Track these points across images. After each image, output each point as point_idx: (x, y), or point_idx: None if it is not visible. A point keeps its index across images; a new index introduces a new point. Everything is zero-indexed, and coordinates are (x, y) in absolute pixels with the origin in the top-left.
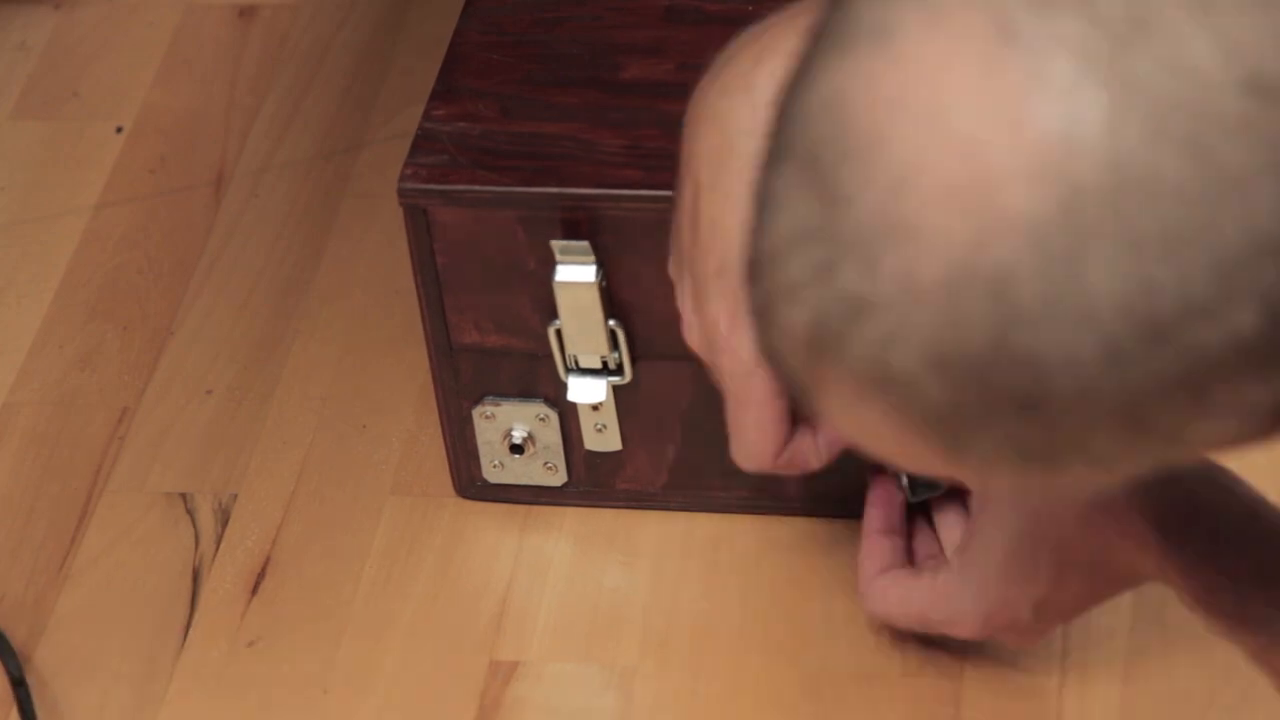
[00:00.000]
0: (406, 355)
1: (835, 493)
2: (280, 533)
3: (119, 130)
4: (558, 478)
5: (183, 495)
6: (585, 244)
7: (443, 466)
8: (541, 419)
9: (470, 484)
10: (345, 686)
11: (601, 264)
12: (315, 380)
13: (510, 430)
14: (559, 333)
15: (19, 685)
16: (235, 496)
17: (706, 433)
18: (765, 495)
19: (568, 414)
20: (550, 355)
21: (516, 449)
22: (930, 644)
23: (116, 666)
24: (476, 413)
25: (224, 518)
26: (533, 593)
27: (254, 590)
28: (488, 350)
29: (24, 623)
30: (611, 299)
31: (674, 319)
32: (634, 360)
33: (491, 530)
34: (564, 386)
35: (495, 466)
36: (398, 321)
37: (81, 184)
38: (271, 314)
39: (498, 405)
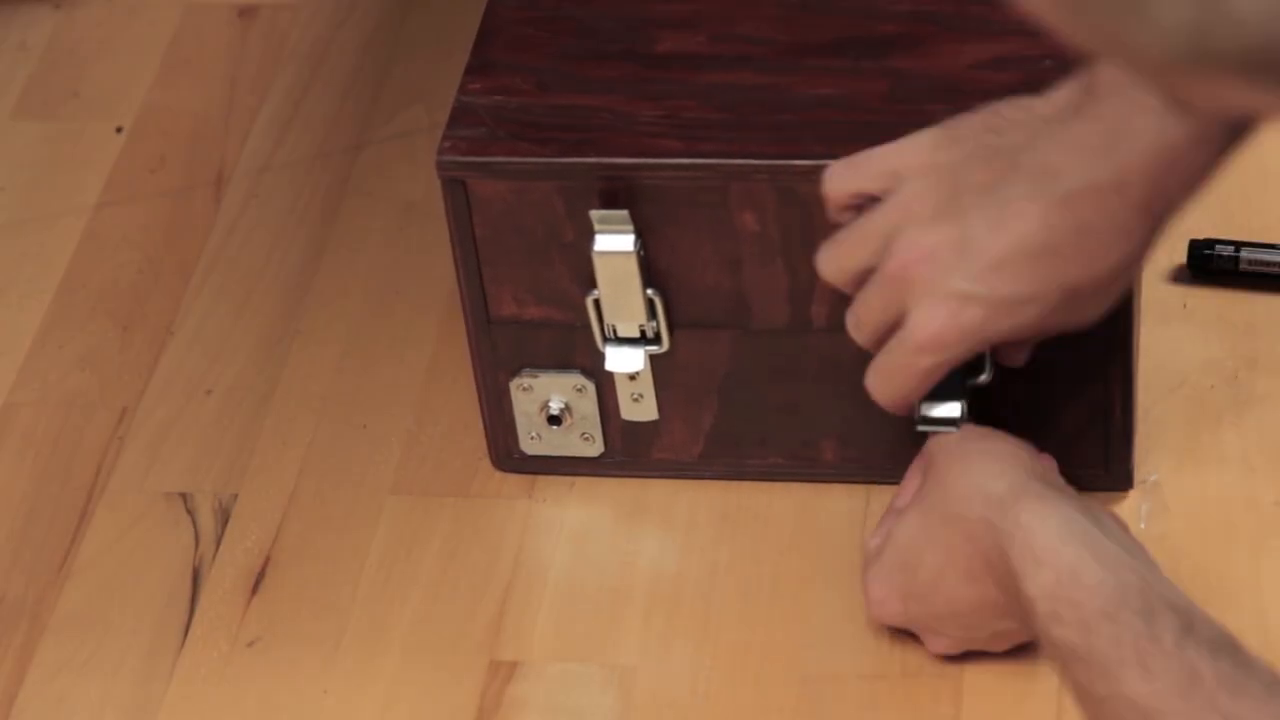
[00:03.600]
0: (406, 355)
1: (870, 459)
2: (280, 533)
3: (119, 130)
4: (594, 448)
5: (183, 495)
6: (624, 213)
7: (443, 465)
8: (578, 389)
9: (507, 457)
10: (345, 686)
11: (639, 233)
12: (315, 380)
13: (547, 401)
14: (597, 303)
15: None
16: (235, 496)
17: (742, 401)
18: (800, 462)
19: (604, 384)
20: (588, 326)
21: (554, 420)
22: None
23: (116, 666)
24: (514, 385)
25: (224, 518)
26: (533, 593)
27: (254, 590)
28: (525, 322)
29: (24, 623)
30: (649, 268)
31: (711, 288)
32: (671, 329)
33: (493, 529)
34: (601, 357)
35: (533, 438)
36: (398, 321)
37: (81, 184)
38: (271, 314)
39: (535, 377)
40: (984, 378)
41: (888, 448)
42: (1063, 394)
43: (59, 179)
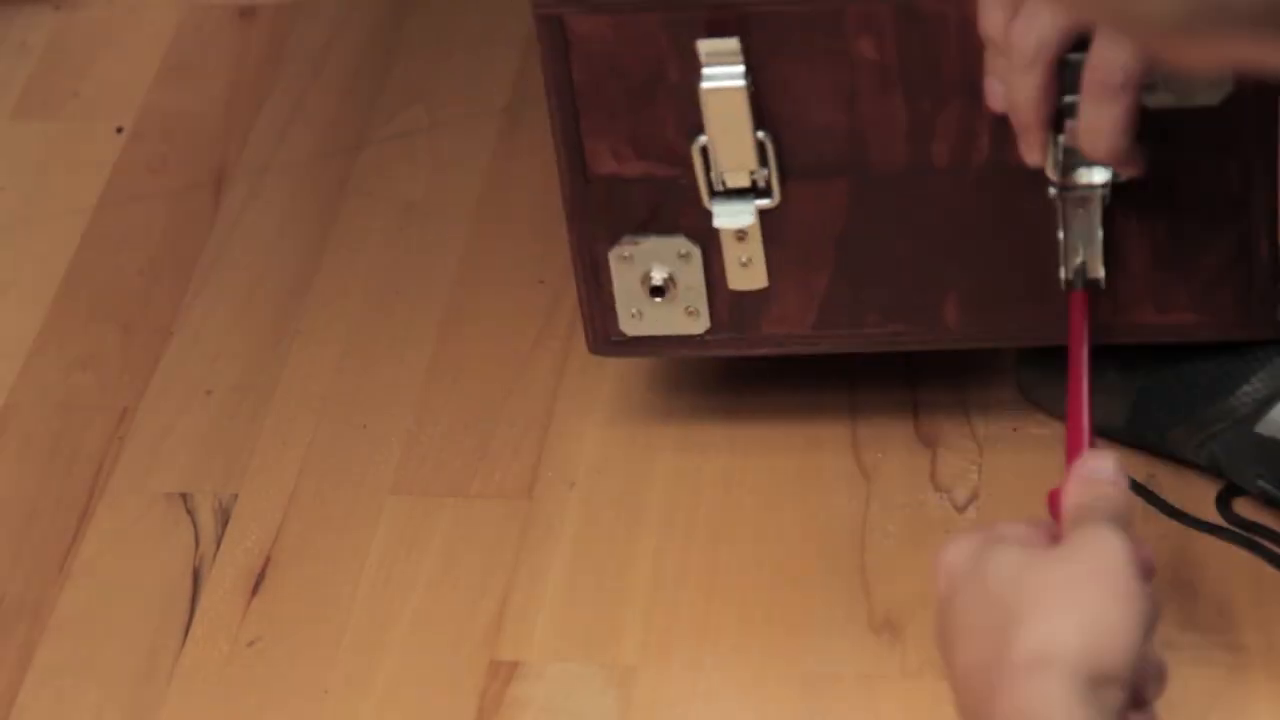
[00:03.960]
0: (406, 355)
1: (997, 321)
2: (280, 533)
3: (119, 130)
4: (699, 324)
5: (183, 495)
6: (734, 42)
7: (443, 465)
8: (683, 255)
9: (605, 340)
10: (345, 686)
11: (750, 72)
12: (315, 380)
13: (649, 271)
14: (704, 150)
15: None
16: (235, 496)
17: (859, 259)
18: (922, 329)
19: (711, 250)
20: (693, 183)
21: (657, 291)
22: (930, 644)
23: (116, 666)
24: (613, 255)
25: (224, 518)
26: (533, 593)
27: (254, 590)
28: (626, 180)
29: (24, 623)
30: (760, 109)
31: (825, 128)
32: (782, 180)
33: (493, 529)
34: (707, 217)
35: (633, 316)
36: (398, 321)
37: (81, 184)
38: (271, 314)
39: (636, 244)
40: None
41: (1015, 308)
42: (1201, 231)
43: (59, 179)
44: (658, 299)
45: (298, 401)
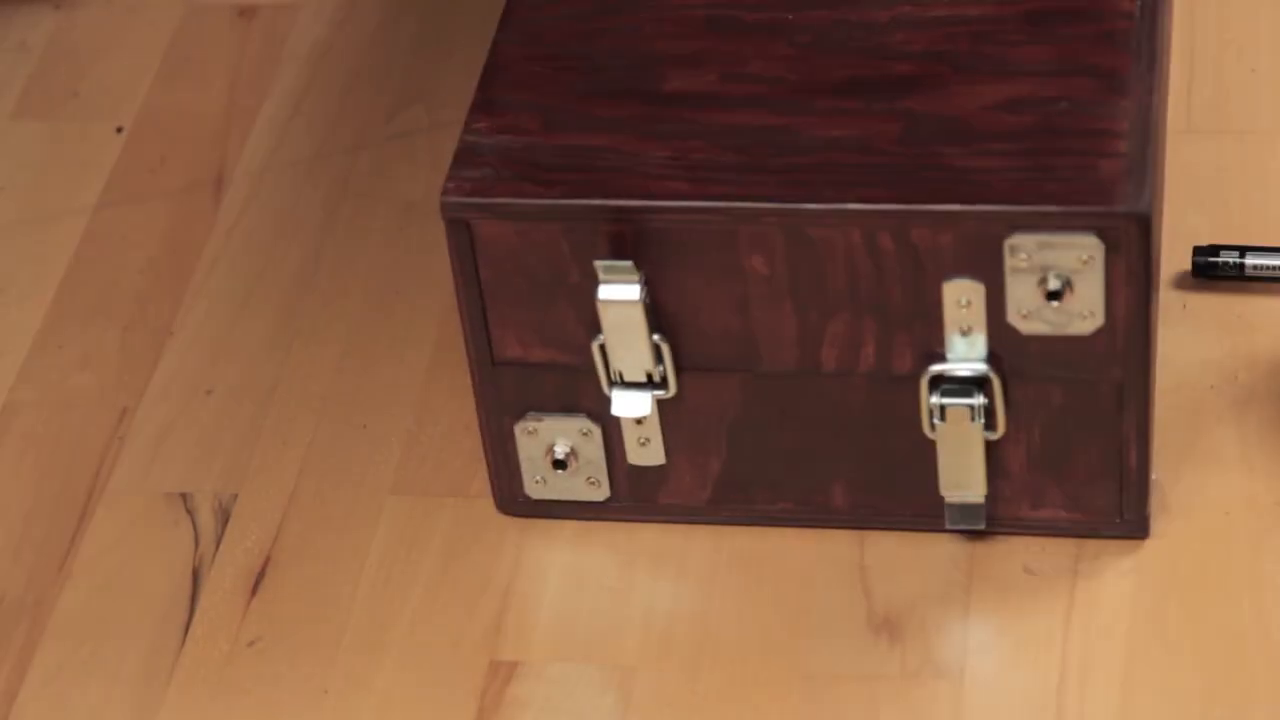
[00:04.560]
0: (406, 355)
1: (882, 504)
2: (280, 533)
3: (119, 130)
4: (600, 492)
5: (183, 495)
6: (629, 264)
7: (443, 465)
8: (584, 434)
9: (512, 500)
10: (345, 686)
11: (646, 278)
12: (315, 380)
13: (553, 445)
14: (603, 348)
15: None
16: (235, 496)
17: (751, 446)
18: (810, 508)
19: (611, 428)
20: (593, 369)
21: (559, 464)
22: (930, 644)
23: (116, 666)
24: (519, 428)
25: (224, 518)
26: (533, 593)
27: (254, 590)
28: (530, 365)
29: (24, 623)
30: (656, 312)
31: (719, 332)
32: (678, 373)
33: (493, 529)
34: (608, 400)
35: (538, 482)
36: (398, 321)
37: (81, 184)
38: (271, 314)
39: (540, 420)
40: (998, 434)
41: (899, 493)
42: (1076, 443)
43: (59, 179)
44: (560, 470)
45: (298, 401)
